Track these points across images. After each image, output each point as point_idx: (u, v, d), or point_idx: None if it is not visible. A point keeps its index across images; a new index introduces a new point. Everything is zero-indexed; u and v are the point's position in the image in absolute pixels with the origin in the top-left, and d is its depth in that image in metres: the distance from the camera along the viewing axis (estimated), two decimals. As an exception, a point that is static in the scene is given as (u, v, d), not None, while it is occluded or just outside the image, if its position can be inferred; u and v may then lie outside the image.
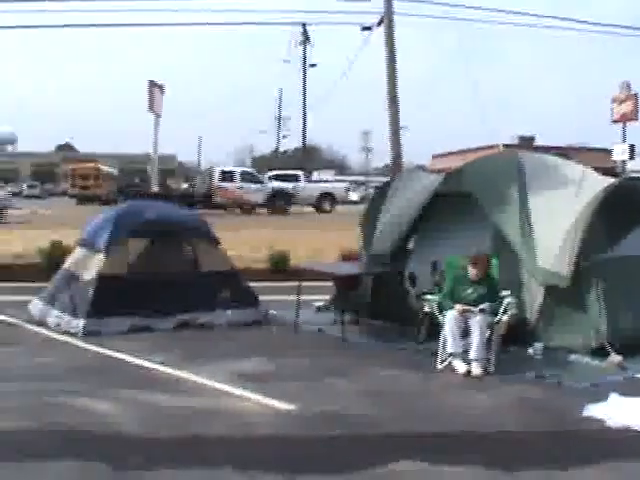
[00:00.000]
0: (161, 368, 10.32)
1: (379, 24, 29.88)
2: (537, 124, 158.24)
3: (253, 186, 50.96)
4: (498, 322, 10.46)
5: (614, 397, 8.51)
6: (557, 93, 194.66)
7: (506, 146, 48.80)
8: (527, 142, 64.12)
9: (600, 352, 10.76)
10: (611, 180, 12.38)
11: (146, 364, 10.53)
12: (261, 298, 13.98)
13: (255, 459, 7.12)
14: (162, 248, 13.38)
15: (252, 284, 14.38)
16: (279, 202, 50.68)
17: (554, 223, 11.45)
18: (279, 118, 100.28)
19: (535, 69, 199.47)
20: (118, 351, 11.08)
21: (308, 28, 73.27)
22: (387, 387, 9.73)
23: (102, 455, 7.06)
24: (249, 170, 57.57)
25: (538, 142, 69.10)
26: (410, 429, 8.09)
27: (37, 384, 9.37)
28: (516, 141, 66.92)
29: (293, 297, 13.30)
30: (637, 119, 43.70)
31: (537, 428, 8.20)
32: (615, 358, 10.55)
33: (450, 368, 10.31)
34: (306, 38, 75.52)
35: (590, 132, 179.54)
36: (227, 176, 51.18)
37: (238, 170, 54.47)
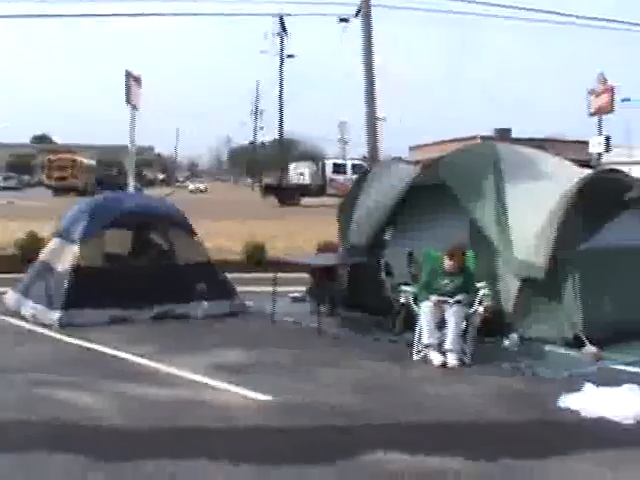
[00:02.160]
0: (141, 360, 10.29)
1: (357, 15, 29.83)
2: (516, 116, 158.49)
3: None
4: (474, 313, 10.49)
5: (589, 387, 8.54)
6: (536, 85, 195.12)
7: (483, 138, 48.91)
8: (503, 134, 64.14)
9: (576, 343, 10.81)
10: (587, 172, 12.41)
11: (126, 356, 10.50)
12: (239, 289, 13.98)
13: (236, 450, 7.11)
14: (139, 239, 13.35)
15: (230, 275, 14.38)
16: None
17: (530, 215, 11.46)
18: (256, 110, 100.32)
19: (517, 61, 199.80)
20: (97, 343, 11.05)
21: (287, 18, 73.13)
22: (366, 378, 9.75)
23: (84, 447, 7.03)
24: (359, 162, 57.69)
25: (514, 134, 69.28)
26: (391, 419, 8.11)
27: (17, 376, 9.33)
28: (492, 133, 66.99)
29: (271, 288, 13.28)
30: (613, 111, 43.81)
31: (516, 418, 8.26)
32: (590, 349, 10.60)
33: (426, 359, 10.32)
34: (283, 29, 75.46)
35: (567, 124, 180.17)
36: (339, 168, 52.23)
37: (349, 162, 55.49)
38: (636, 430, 7.76)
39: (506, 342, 10.97)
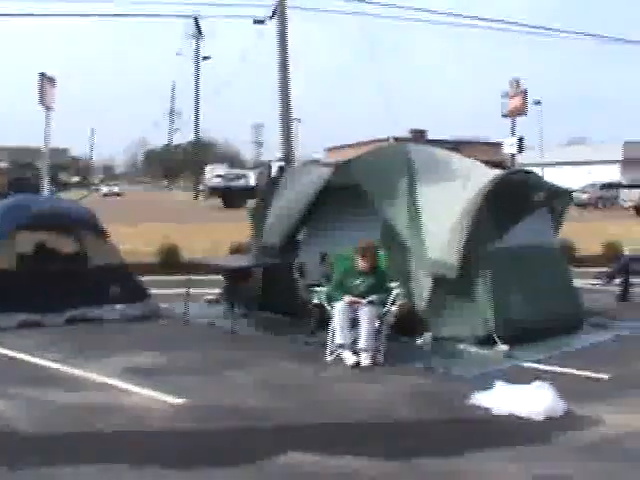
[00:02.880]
0: (53, 365, 10.10)
1: (272, 17, 29.88)
2: (432, 117, 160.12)
3: None
4: (387, 313, 10.55)
5: (499, 385, 8.66)
6: (453, 88, 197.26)
7: (397, 139, 49.38)
8: (418, 135, 64.88)
9: (488, 341, 10.96)
10: (498, 172, 12.59)
11: (38, 361, 10.30)
12: (153, 292, 13.88)
13: (150, 454, 7.05)
14: (50, 242, 13.16)
15: (144, 278, 14.27)
16: None
17: (442, 215, 11.58)
18: (171, 111, 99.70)
19: (434, 64, 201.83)
20: (8, 348, 10.82)
21: (207, 20, 72.83)
22: (279, 379, 9.73)
23: (-2, 453, 6.91)
24: None
25: (430, 135, 70.08)
26: (305, 420, 8.11)
27: None
28: (408, 134, 67.68)
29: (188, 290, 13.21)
30: (526, 114, 44.69)
31: (428, 417, 8.32)
32: (502, 347, 10.76)
33: (339, 359, 10.35)
34: (199, 31, 75.15)
35: (482, 126, 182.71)
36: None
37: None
38: (545, 426, 7.87)
39: (419, 341, 11.06)
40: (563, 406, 8.25)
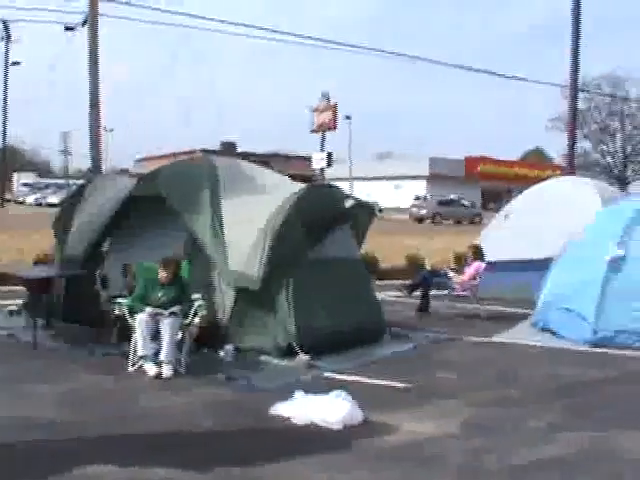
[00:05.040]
0: None
1: (83, 24, 29.30)
2: (245, 131, 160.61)
3: None
4: (189, 324, 10.53)
5: (299, 395, 8.75)
6: (265, 101, 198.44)
7: (207, 151, 49.34)
8: (229, 148, 64.97)
9: (290, 352, 11.09)
10: (303, 186, 12.76)
11: None
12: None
13: None
14: None
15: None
16: None
17: (246, 227, 11.65)
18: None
19: (247, 77, 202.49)
20: None
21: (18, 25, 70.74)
22: (80, 391, 9.56)
23: None
24: None
25: (241, 148, 70.28)
26: (102, 432, 7.97)
27: None
28: (218, 147, 67.71)
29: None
30: (335, 128, 45.34)
31: (229, 427, 8.34)
32: (303, 358, 10.90)
33: (142, 371, 10.25)
34: (7, 35, 72.86)
35: (294, 140, 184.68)
36: None
37: None
38: (343, 434, 8.03)
39: (222, 352, 11.07)
40: (361, 414, 8.42)
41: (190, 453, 7.45)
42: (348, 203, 13.25)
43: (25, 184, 64.31)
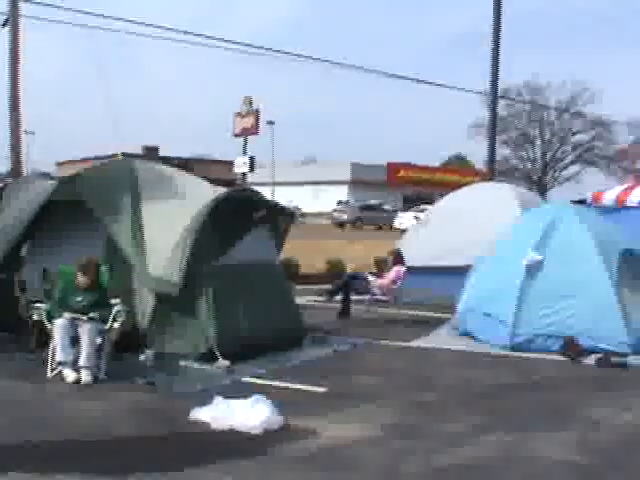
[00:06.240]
0: None
1: (4, 25, 28.87)
2: (168, 135, 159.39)
3: None
4: (109, 329, 10.45)
5: (218, 400, 8.74)
6: (189, 106, 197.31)
7: (128, 155, 48.90)
8: (151, 152, 64.56)
9: (210, 357, 11.07)
10: (222, 190, 12.74)
11: None
12: None
13: None
14: None
15: None
16: None
17: (166, 232, 11.61)
18: None
19: (170, 81, 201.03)
20: None
21: None
22: (-2, 397, 9.43)
23: None
24: None
25: (163, 152, 69.91)
26: (22, 439, 7.87)
27: None
28: (140, 151, 67.23)
29: None
30: (257, 133, 45.22)
31: (148, 433, 8.28)
32: (223, 362, 10.91)
33: (61, 376, 10.15)
34: None
35: (218, 145, 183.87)
36: None
37: None
38: (262, 439, 8.05)
39: (142, 357, 11.01)
40: (281, 419, 8.45)
41: (106, 460, 7.39)
42: (267, 207, 13.29)
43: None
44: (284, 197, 65.39)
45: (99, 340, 10.32)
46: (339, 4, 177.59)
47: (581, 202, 20.55)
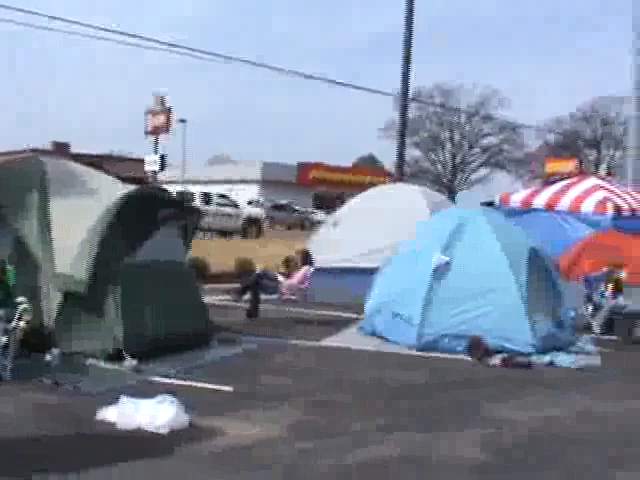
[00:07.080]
0: None
1: None
2: (79, 131, 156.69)
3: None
4: (14, 329, 10.30)
5: (125, 399, 8.69)
6: (101, 102, 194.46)
7: (35, 151, 48.28)
8: (62, 148, 63.65)
9: (117, 356, 11.01)
10: (131, 188, 12.68)
11: None
12: None
13: None
14: None
15: None
16: None
17: (74, 229, 11.51)
18: None
19: (84, 77, 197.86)
20: None
21: None
22: None
23: None
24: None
25: (74, 149, 68.90)
26: None
27: None
28: (50, 147, 66.29)
29: None
30: (169, 131, 45.01)
31: (53, 433, 8.20)
32: (130, 362, 10.85)
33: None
34: None
35: (130, 142, 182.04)
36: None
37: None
38: (169, 439, 8.05)
39: (47, 357, 10.85)
40: (187, 419, 8.45)
41: (10, 460, 7.30)
42: (174, 206, 13.27)
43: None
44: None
45: (4, 339, 10.17)
46: (252, 5, 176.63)
47: (489, 204, 20.99)
